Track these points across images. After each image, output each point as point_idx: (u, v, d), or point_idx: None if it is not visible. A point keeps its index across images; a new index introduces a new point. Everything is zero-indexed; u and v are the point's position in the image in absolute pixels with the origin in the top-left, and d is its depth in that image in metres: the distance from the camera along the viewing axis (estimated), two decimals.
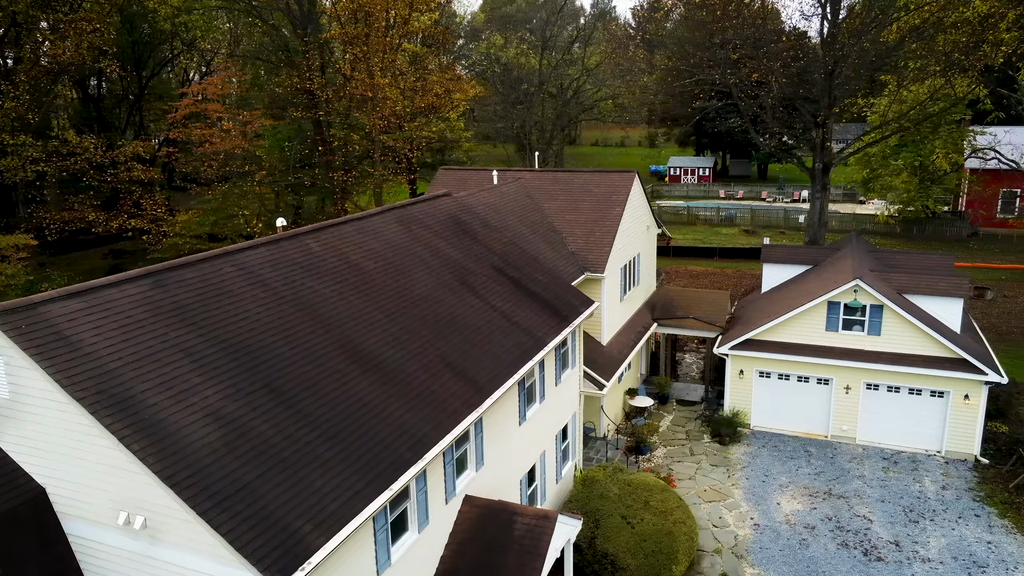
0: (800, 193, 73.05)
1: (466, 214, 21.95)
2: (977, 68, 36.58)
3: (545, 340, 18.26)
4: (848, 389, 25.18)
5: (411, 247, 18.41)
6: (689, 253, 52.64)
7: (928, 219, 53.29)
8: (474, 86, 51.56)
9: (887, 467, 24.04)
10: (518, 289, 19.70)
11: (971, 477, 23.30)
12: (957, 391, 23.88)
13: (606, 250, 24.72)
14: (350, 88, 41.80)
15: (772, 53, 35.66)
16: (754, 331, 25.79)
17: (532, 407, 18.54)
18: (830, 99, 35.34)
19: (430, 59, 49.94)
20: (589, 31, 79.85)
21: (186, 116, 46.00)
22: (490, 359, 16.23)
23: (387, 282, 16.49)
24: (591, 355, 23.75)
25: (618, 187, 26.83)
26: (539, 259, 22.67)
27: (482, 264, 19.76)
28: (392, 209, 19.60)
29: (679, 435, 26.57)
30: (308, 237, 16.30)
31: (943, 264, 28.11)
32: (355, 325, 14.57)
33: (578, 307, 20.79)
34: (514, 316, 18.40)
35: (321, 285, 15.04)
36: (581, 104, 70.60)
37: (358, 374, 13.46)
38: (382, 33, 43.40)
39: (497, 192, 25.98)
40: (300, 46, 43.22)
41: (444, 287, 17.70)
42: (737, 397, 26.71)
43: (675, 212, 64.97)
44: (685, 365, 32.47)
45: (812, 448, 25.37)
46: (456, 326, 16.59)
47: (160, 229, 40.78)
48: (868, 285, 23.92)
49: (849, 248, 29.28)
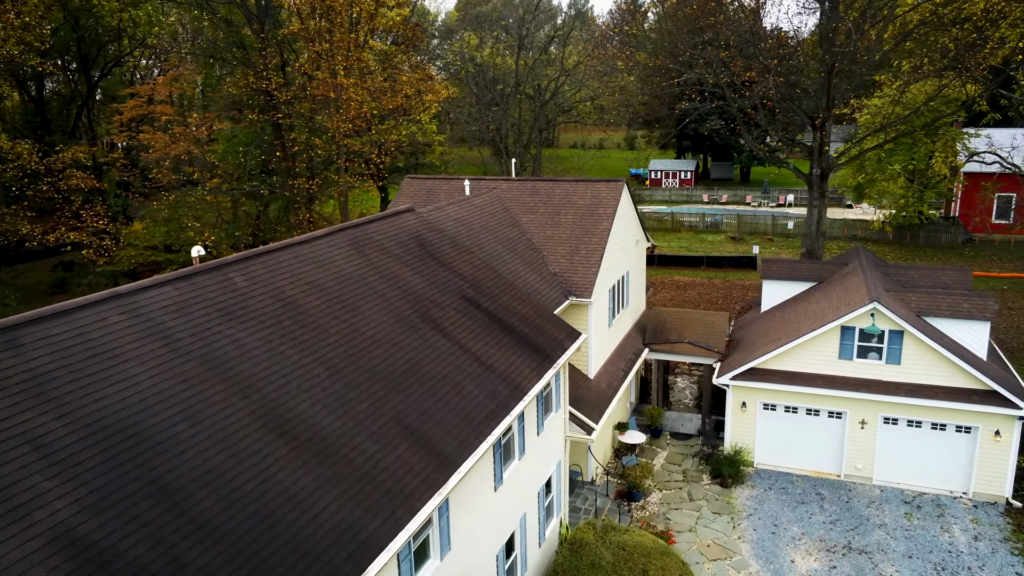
0: (785, 197, 70.89)
1: (432, 233, 18.92)
2: (981, 68, 34.33)
3: (525, 387, 15.29)
4: (864, 424, 22.51)
5: (364, 276, 15.35)
6: (675, 262, 49.99)
7: (922, 225, 51.15)
8: (447, 87, 48.50)
9: (910, 513, 21.38)
10: (493, 323, 16.71)
11: (1004, 524, 20.72)
12: (986, 426, 21.30)
13: (593, 271, 21.82)
14: (311, 88, 38.55)
15: (767, 50, 33.04)
16: (758, 359, 23.04)
17: (510, 466, 15.57)
18: (828, 99, 32.80)
19: (400, 58, 46.76)
20: (567, 31, 77.10)
21: (134, 119, 42.49)
22: (458, 418, 13.22)
23: (331, 324, 13.41)
24: (577, 391, 20.82)
25: (605, 198, 23.95)
26: (517, 284, 19.70)
27: (450, 294, 16.75)
28: (343, 230, 16.51)
29: (675, 476, 23.73)
30: (232, 269, 13.18)
31: (961, 280, 25.60)
32: (285, 385, 11.49)
33: (563, 342, 17.85)
34: (488, 358, 15.41)
35: (243, 333, 11.93)
36: (559, 106, 67.76)
37: (284, 455, 10.39)
38: (346, 29, 40.19)
39: (469, 205, 22.98)
40: (256, 43, 39.88)
41: (403, 325, 14.66)
42: (739, 432, 23.94)
43: (658, 218, 62.37)
44: (678, 391, 29.67)
45: (824, 490, 22.66)
46: (417, 376, 13.56)
47: (102, 243, 37.20)
48: (886, 308, 21.26)
49: (856, 263, 26.66)
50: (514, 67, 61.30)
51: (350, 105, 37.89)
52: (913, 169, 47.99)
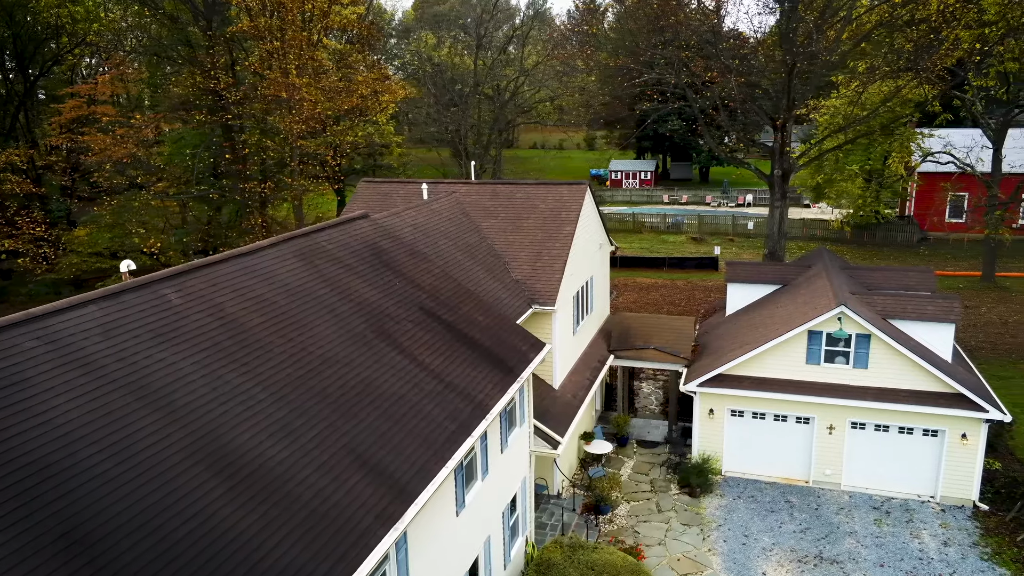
0: (745, 197, 71.32)
1: (388, 240, 17.97)
2: (936, 69, 34.62)
3: (488, 405, 14.46)
4: (832, 429, 22.20)
5: (314, 290, 14.35)
6: (637, 264, 49.67)
7: (879, 224, 51.72)
8: (404, 87, 47.40)
9: (879, 519, 21.10)
10: (453, 336, 15.85)
11: (972, 528, 20.56)
12: (953, 430, 21.14)
13: (556, 277, 21.09)
14: (263, 88, 37.16)
15: (728, 50, 32.76)
16: (725, 365, 22.57)
17: (472, 488, 14.72)
18: (789, 100, 32.65)
19: (355, 57, 45.50)
20: (526, 31, 76.47)
21: (75, 120, 40.52)
22: (417, 442, 12.33)
23: (277, 343, 12.40)
24: (542, 403, 20.06)
25: (568, 201, 23.25)
26: (478, 293, 18.86)
27: (407, 306, 15.83)
28: (290, 239, 15.47)
29: (643, 486, 23.14)
30: (166, 285, 12.08)
31: (924, 281, 25.53)
32: (224, 414, 10.47)
33: (527, 353, 17.07)
34: (448, 374, 14.53)
35: (178, 357, 10.87)
36: (519, 106, 67.15)
37: (223, 493, 9.39)
38: (299, 27, 38.88)
39: (427, 210, 22.06)
40: (204, 41, 38.31)
41: (356, 342, 13.71)
42: (707, 439, 23.46)
43: (620, 219, 62.10)
44: (643, 396, 29.15)
45: (793, 497, 22.29)
46: (371, 397, 12.63)
47: (40, 250, 35.26)
48: (853, 312, 20.96)
49: (820, 265, 26.45)
50: (473, 67, 60.43)
51: (303, 105, 36.63)
52: (870, 169, 48.44)
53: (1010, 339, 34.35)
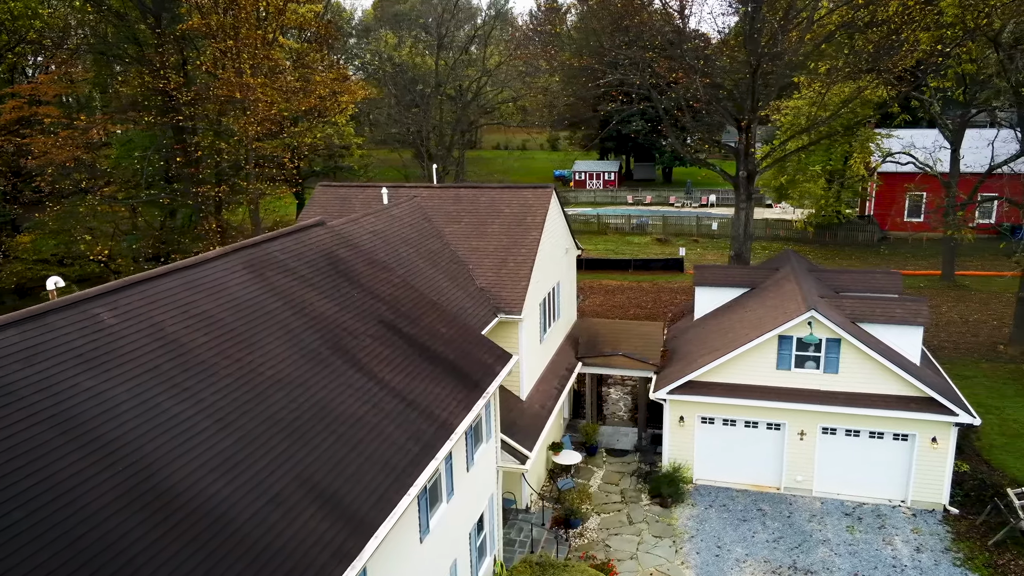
0: (708, 197, 71.56)
1: (345, 249, 17.07)
2: (896, 70, 34.78)
3: (453, 423, 13.69)
4: (803, 435, 21.89)
5: (264, 304, 13.41)
6: (602, 266, 49.25)
7: (840, 224, 52.12)
8: (364, 87, 46.25)
9: (851, 526, 20.83)
10: (414, 350, 15.03)
11: (944, 533, 20.39)
12: (923, 434, 20.97)
13: (522, 284, 20.39)
14: (215, 88, 35.77)
15: (692, 51, 32.43)
16: (695, 372, 22.10)
17: (437, 510, 13.93)
18: (754, 101, 32.45)
19: (312, 57, 44.23)
20: (487, 30, 75.70)
21: (16, 121, 38.61)
22: (376, 468, 11.51)
23: (223, 364, 11.47)
24: (509, 416, 19.34)
25: (533, 206, 22.57)
26: (441, 303, 18.06)
27: (366, 319, 14.97)
28: (239, 250, 14.49)
29: (613, 497, 22.56)
30: (99, 304, 11.06)
31: (891, 283, 25.41)
32: (161, 447, 9.53)
33: (493, 366, 16.33)
34: (410, 392, 13.72)
35: (109, 384, 9.89)
36: (482, 107, 66.33)
37: (159, 537, 8.46)
38: (253, 25, 37.54)
39: (387, 215, 21.17)
40: (152, 39, 36.78)
41: (311, 360, 12.82)
42: (677, 448, 22.98)
43: (584, 220, 61.71)
44: (612, 403, 28.59)
45: (765, 505, 21.91)
46: (327, 421, 11.76)
47: None
48: (823, 316, 20.65)
49: (788, 267, 26.19)
50: (434, 67, 59.47)
51: (258, 106, 35.34)
52: (831, 170, 48.76)
53: (971, 338, 34.65)
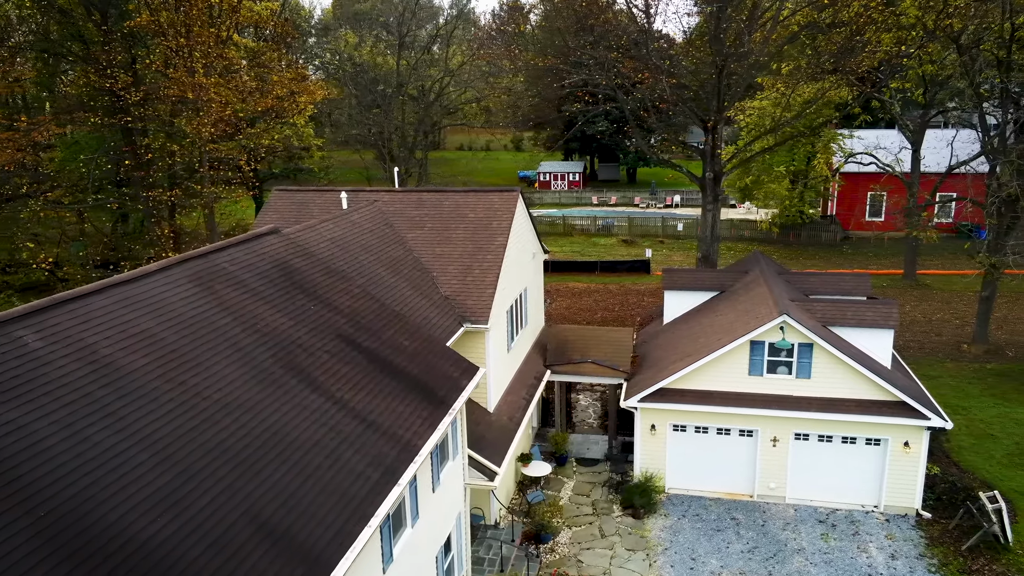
0: (672, 198, 71.64)
1: (301, 258, 16.14)
2: (859, 71, 34.87)
3: (417, 444, 12.89)
4: (776, 441, 21.52)
5: (212, 320, 12.45)
6: (568, 268, 48.72)
7: (804, 224, 52.41)
8: (323, 87, 45.04)
9: (826, 533, 20.51)
10: (375, 366, 14.19)
11: (918, 539, 20.18)
12: (896, 438, 20.75)
13: (489, 292, 19.64)
14: (165, 88, 34.37)
15: (658, 51, 32.03)
16: (666, 379, 21.60)
17: (401, 537, 13.11)
18: (720, 101, 32.17)
19: (269, 56, 42.91)
20: (449, 30, 74.79)
21: None
22: (334, 499, 10.66)
23: (164, 389, 10.51)
24: (476, 429, 18.58)
25: (499, 210, 21.84)
26: (404, 314, 17.23)
27: (323, 334, 14.08)
28: (185, 261, 13.49)
29: (584, 509, 21.94)
30: (21, 326, 10.03)
31: (860, 286, 25.26)
32: (91, 486, 8.58)
33: (459, 381, 15.55)
34: (371, 412, 12.89)
35: (32, 417, 8.90)
36: (445, 107, 65.39)
37: None
38: (206, 23, 36.18)
39: (346, 221, 20.25)
40: (98, 36, 35.19)
41: (262, 381, 11.91)
42: (649, 456, 22.46)
43: (550, 222, 61.20)
44: (580, 409, 28.02)
45: (739, 514, 21.50)
46: (280, 448, 10.88)
47: None
48: (795, 321, 20.29)
49: (757, 270, 25.86)
50: (395, 67, 58.39)
51: (211, 107, 34.03)
52: (795, 170, 48.97)
53: (935, 337, 34.87)
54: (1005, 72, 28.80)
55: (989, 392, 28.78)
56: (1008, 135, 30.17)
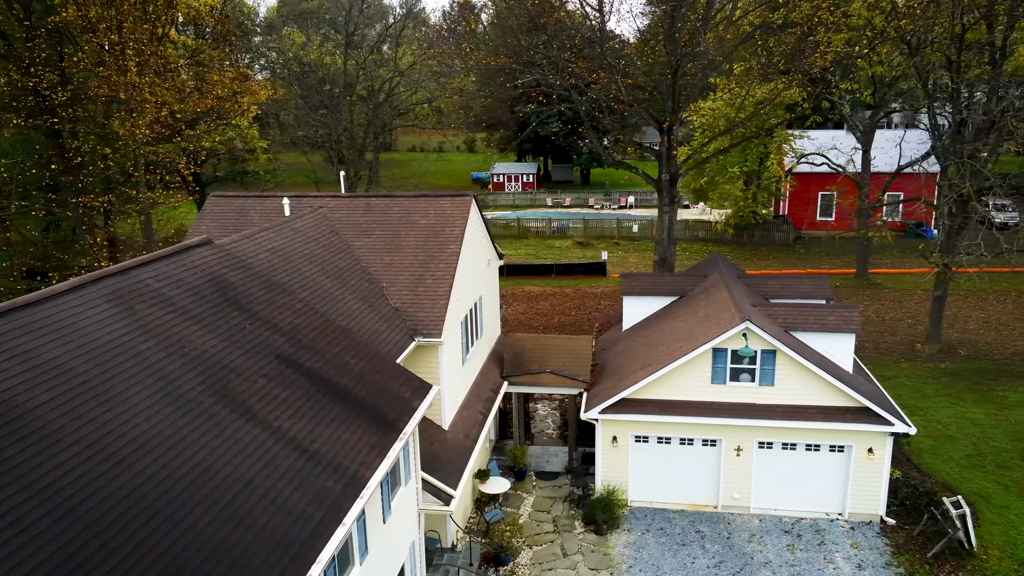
0: (627, 199, 71.46)
1: (237, 272, 14.87)
2: (811, 72, 34.82)
3: (365, 475, 11.80)
4: (739, 450, 20.98)
5: (131, 346, 11.17)
6: (524, 271, 47.89)
7: (757, 225, 52.59)
8: (266, 88, 43.31)
9: (792, 544, 20.01)
10: (319, 389, 13.04)
11: (883, 547, 19.83)
12: (860, 444, 20.39)
13: (442, 303, 18.61)
14: (95, 88, 32.40)
15: (613, 51, 31.39)
16: (628, 390, 20.86)
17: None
18: (675, 102, 31.69)
19: (209, 54, 41.02)
20: (398, 29, 73.27)
21: None
22: (269, 546, 9.52)
23: (70, 428, 9.24)
24: (430, 449, 17.52)
25: (451, 216, 20.81)
26: (351, 329, 16.09)
27: (260, 355, 12.88)
28: (102, 279, 12.14)
29: (545, 526, 21.05)
30: None
31: (818, 289, 24.97)
32: None
33: (411, 401, 14.50)
34: (313, 442, 11.76)
35: None
36: (395, 108, 63.90)
37: None
38: (140, 19, 34.27)
39: (288, 229, 18.98)
40: (21, 32, 33.02)
41: (189, 412, 10.69)
42: (611, 469, 21.70)
43: (504, 224, 60.32)
44: (539, 419, 27.16)
45: (704, 526, 20.88)
46: (206, 490, 9.69)
47: None
48: (758, 327, 19.75)
49: (717, 274, 25.38)
50: (343, 67, 56.78)
51: (145, 107, 32.20)
52: (748, 171, 49.04)
53: (890, 337, 35.03)
54: (956, 72, 28.91)
55: (944, 392, 28.87)
56: (959, 134, 30.34)
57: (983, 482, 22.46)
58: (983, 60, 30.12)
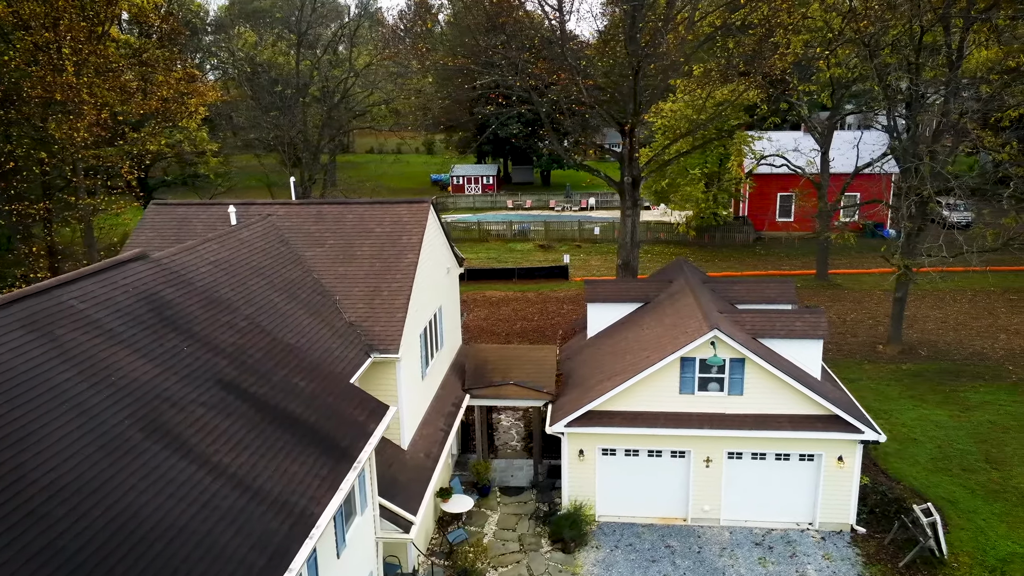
0: (587, 201, 71.09)
1: (175, 288, 13.73)
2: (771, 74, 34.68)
3: (315, 512, 10.83)
4: (708, 462, 20.45)
5: (49, 377, 10.03)
6: (485, 276, 47.05)
7: (718, 226, 52.59)
8: (214, 89, 41.68)
9: (763, 557, 19.54)
10: (263, 417, 12.01)
11: (855, 557, 19.48)
12: (829, 453, 20.02)
13: (399, 316, 17.65)
14: (28, 88, 30.61)
15: (574, 52, 30.74)
16: (594, 402, 20.15)
17: None
18: (636, 103, 31.17)
19: (153, 54, 39.28)
20: (353, 28, 71.65)
21: None
22: None
23: None
24: (388, 472, 16.55)
25: (408, 223, 19.86)
26: (301, 347, 15.06)
27: (198, 381, 11.80)
28: (17, 301, 10.94)
29: (511, 545, 20.23)
30: None
31: (784, 293, 24.62)
32: None
33: (366, 425, 13.54)
34: (256, 477, 10.74)
35: None
36: (351, 109, 62.36)
37: None
38: (77, 16, 32.54)
39: (234, 240, 17.82)
40: None
41: (114, 450, 9.61)
42: (578, 484, 20.98)
43: (465, 227, 59.37)
44: (503, 431, 26.35)
45: (673, 540, 20.29)
46: (133, 539, 8.63)
47: None
48: (727, 335, 19.23)
49: (682, 280, 24.87)
50: (295, 67, 55.19)
51: (84, 109, 30.51)
52: (708, 172, 48.95)
53: (851, 338, 35.05)
54: (915, 74, 28.94)
55: (908, 394, 28.86)
56: (916, 135, 30.40)
57: (950, 486, 22.33)
58: (939, 63, 30.28)
